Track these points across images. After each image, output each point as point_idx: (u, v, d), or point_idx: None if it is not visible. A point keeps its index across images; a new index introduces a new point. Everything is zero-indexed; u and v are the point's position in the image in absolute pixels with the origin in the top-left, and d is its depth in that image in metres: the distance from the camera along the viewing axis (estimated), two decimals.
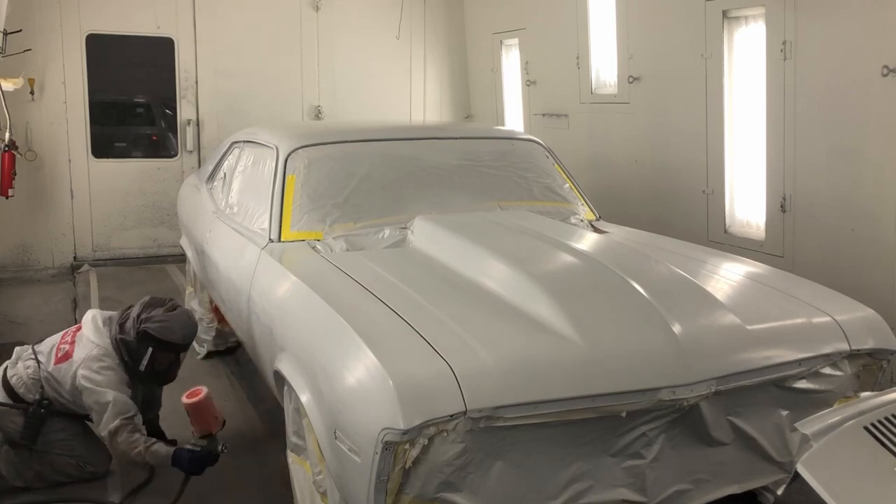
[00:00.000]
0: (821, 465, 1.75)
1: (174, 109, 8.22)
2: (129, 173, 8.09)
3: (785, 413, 2.92)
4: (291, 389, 2.95)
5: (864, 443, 1.77)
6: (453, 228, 3.65)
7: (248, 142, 4.86)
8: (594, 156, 6.88)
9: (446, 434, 2.36)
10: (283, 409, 3.24)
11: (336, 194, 3.98)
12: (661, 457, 2.73)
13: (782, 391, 2.88)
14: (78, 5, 7.60)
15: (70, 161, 7.75)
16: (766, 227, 5.21)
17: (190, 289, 5.63)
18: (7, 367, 3.73)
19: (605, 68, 6.86)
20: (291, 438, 3.17)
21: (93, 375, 3.55)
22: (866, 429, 1.80)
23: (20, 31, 6.68)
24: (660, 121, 6.11)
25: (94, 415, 3.57)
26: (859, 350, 2.96)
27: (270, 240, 3.82)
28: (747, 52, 5.31)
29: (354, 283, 3.15)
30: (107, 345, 3.64)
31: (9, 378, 3.67)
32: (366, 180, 4.09)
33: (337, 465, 2.56)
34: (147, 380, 3.74)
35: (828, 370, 2.93)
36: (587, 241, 3.75)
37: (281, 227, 3.84)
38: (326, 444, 2.62)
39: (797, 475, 2.00)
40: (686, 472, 2.81)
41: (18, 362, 3.72)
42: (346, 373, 2.57)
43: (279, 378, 3.12)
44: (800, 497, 3.09)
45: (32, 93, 7.40)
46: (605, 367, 2.60)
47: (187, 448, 3.47)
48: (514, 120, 8.38)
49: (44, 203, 7.71)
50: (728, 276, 3.46)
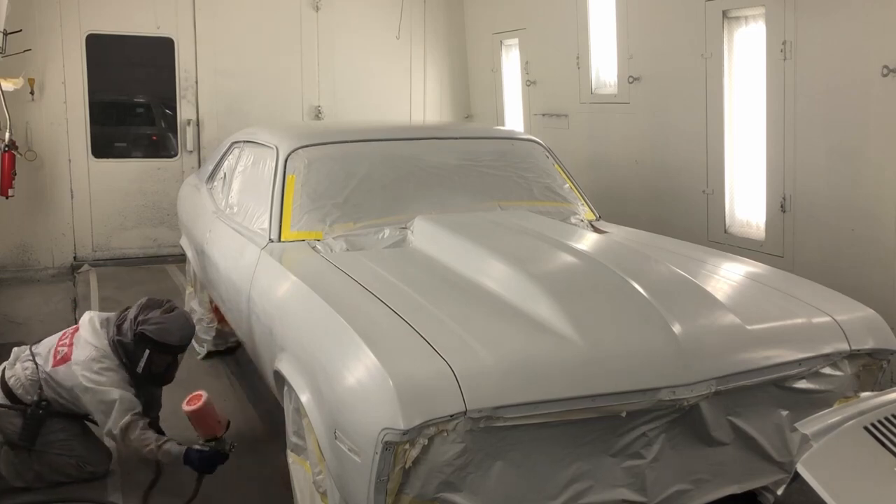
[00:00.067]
0: (821, 465, 1.75)
1: (174, 109, 8.21)
2: (129, 173, 8.10)
3: (785, 413, 2.92)
4: (291, 389, 2.95)
5: (864, 443, 1.77)
6: (453, 228, 3.65)
7: (248, 142, 4.86)
8: (594, 156, 6.87)
9: (446, 434, 2.36)
10: (283, 409, 3.24)
11: (336, 194, 3.98)
12: (661, 457, 2.73)
13: (782, 391, 2.88)
14: (78, 5, 7.60)
15: (70, 161, 7.75)
16: (766, 227, 5.21)
17: (190, 289, 5.63)
18: (5, 368, 3.73)
19: (605, 68, 6.86)
20: (291, 438, 3.17)
21: (94, 376, 3.55)
22: (866, 429, 1.80)
23: (20, 31, 6.68)
24: (660, 121, 6.11)
25: (100, 415, 3.56)
26: (859, 350, 2.96)
27: (270, 240, 3.82)
28: (747, 52, 5.31)
29: (354, 283, 3.15)
30: (105, 346, 3.64)
31: (7, 379, 3.66)
32: (366, 180, 4.09)
33: (337, 465, 2.56)
34: (145, 381, 3.74)
35: (828, 370, 2.93)
36: (587, 241, 3.75)
37: (281, 227, 3.84)
38: (326, 444, 2.61)
39: (797, 475, 2.00)
40: (686, 472, 2.81)
41: (16, 363, 3.71)
42: (346, 373, 2.57)
43: (279, 378, 3.12)
44: (800, 497, 3.09)
45: (32, 93, 7.40)
46: (605, 367, 2.61)
47: (196, 448, 3.47)
48: (514, 120, 8.38)
49: (44, 203, 7.71)
50: (728, 276, 3.46)
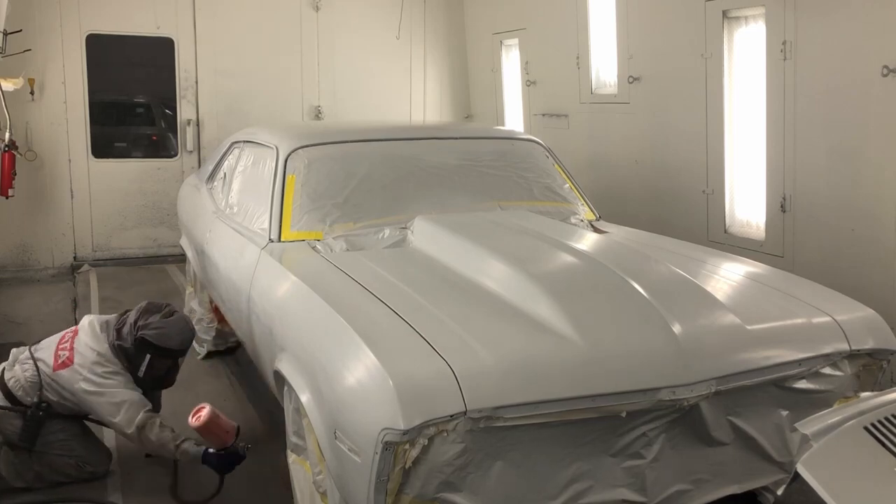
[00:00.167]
0: (821, 465, 1.75)
1: (174, 109, 8.21)
2: (129, 173, 8.09)
3: (785, 413, 2.92)
4: (291, 389, 2.95)
5: (864, 443, 1.77)
6: (453, 228, 3.65)
7: (248, 142, 4.86)
8: (594, 156, 6.87)
9: (446, 434, 2.36)
10: (283, 409, 3.24)
11: (336, 194, 3.98)
12: (661, 457, 2.73)
13: (782, 391, 2.88)
14: (78, 5, 7.60)
15: (70, 161, 7.75)
16: (766, 227, 5.21)
17: (190, 289, 5.63)
18: (4, 369, 3.72)
19: (605, 68, 6.86)
20: (291, 438, 3.16)
21: (99, 380, 3.56)
22: (866, 429, 1.81)
23: (20, 31, 6.68)
24: (660, 121, 6.11)
25: (112, 416, 3.57)
26: (859, 350, 2.96)
27: (270, 240, 3.82)
28: (747, 52, 5.31)
29: (354, 283, 3.15)
30: (106, 350, 3.64)
31: (6, 381, 3.66)
32: (366, 180, 4.09)
33: (337, 465, 2.56)
34: (146, 385, 3.74)
35: (828, 370, 2.93)
36: (587, 241, 3.74)
37: (281, 227, 3.84)
38: (326, 444, 2.61)
39: (797, 475, 2.00)
40: (686, 472, 2.81)
41: (16, 365, 3.70)
42: (346, 373, 2.57)
43: (279, 378, 3.12)
44: (800, 497, 3.08)
45: (32, 93, 7.40)
46: (605, 367, 2.61)
47: (211, 451, 3.51)
48: (514, 120, 8.38)
49: (44, 203, 7.71)
50: (728, 276, 3.46)
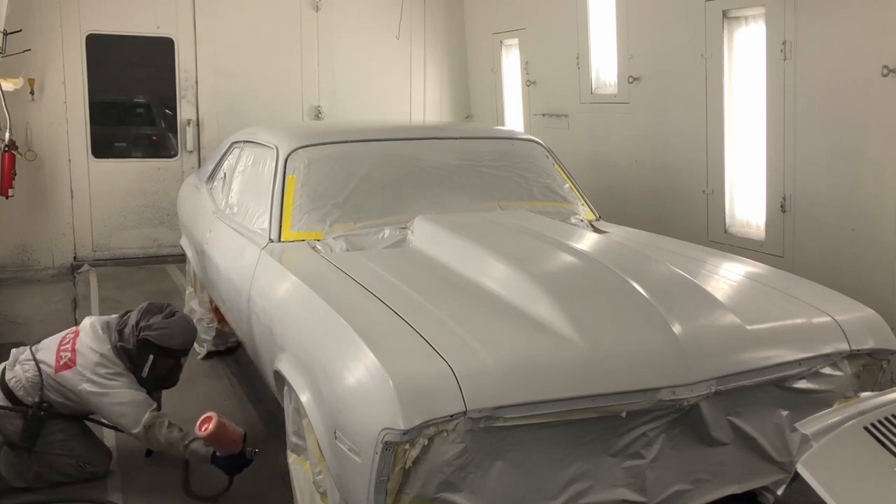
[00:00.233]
0: (821, 465, 1.75)
1: (174, 109, 8.21)
2: (129, 173, 8.09)
3: (785, 413, 2.92)
4: (291, 389, 2.95)
5: (864, 443, 1.77)
6: (453, 228, 3.65)
7: (248, 142, 4.86)
8: (594, 156, 6.87)
9: (446, 434, 2.36)
10: (283, 409, 3.24)
11: (336, 194, 3.98)
12: (661, 457, 2.73)
13: (782, 391, 2.88)
14: (78, 5, 7.60)
15: (70, 161, 7.74)
16: (766, 227, 5.21)
17: (190, 289, 5.63)
18: (5, 368, 3.72)
19: (605, 68, 6.86)
20: (291, 438, 3.17)
21: (103, 381, 3.56)
22: (866, 429, 1.81)
23: (20, 31, 6.68)
24: (660, 121, 6.11)
25: (118, 417, 3.58)
26: (859, 350, 2.96)
27: (270, 240, 3.82)
28: (747, 52, 5.31)
29: (354, 283, 3.15)
30: (108, 351, 3.64)
31: (7, 381, 3.65)
32: (366, 180, 4.09)
33: (337, 465, 2.56)
34: (150, 385, 3.75)
35: (828, 370, 2.93)
36: (587, 241, 3.74)
37: (281, 227, 3.84)
38: (326, 444, 2.62)
39: (797, 475, 2.00)
40: (686, 472, 2.81)
41: (16, 365, 3.70)
42: (346, 373, 2.57)
43: (279, 378, 3.12)
44: (800, 497, 3.09)
45: (32, 93, 7.40)
46: (605, 367, 2.61)
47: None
48: (514, 120, 8.38)
49: (44, 203, 7.71)
50: (728, 276, 3.46)
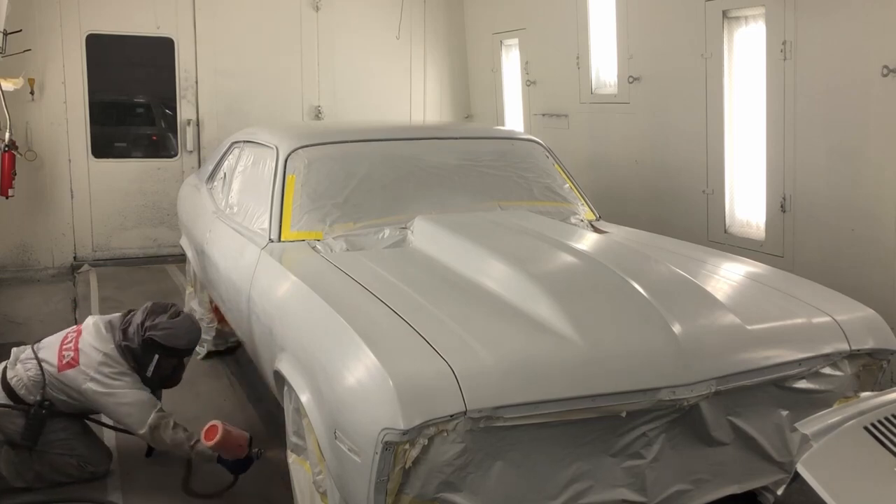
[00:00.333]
0: (821, 465, 1.75)
1: (174, 109, 8.21)
2: (129, 173, 8.09)
3: (785, 413, 2.92)
4: (291, 389, 2.95)
5: (864, 443, 1.77)
6: (453, 228, 3.65)
7: (248, 142, 4.86)
8: (594, 156, 6.87)
9: (446, 434, 2.36)
10: (283, 409, 3.24)
11: (336, 194, 3.98)
12: (661, 457, 2.73)
13: (782, 391, 2.88)
14: (78, 5, 7.60)
15: (70, 161, 7.74)
16: (766, 227, 5.21)
17: (190, 289, 5.63)
18: (6, 367, 3.72)
19: (605, 68, 6.86)
20: (291, 438, 3.17)
21: (108, 381, 3.56)
22: (866, 429, 1.81)
23: (20, 31, 6.68)
24: (660, 121, 6.11)
25: (123, 417, 3.59)
26: (859, 350, 2.96)
27: (270, 240, 3.82)
28: (747, 52, 5.31)
29: (354, 283, 3.15)
30: (112, 351, 3.64)
31: (9, 379, 3.65)
32: (366, 180, 4.09)
33: (337, 465, 2.56)
34: (153, 385, 3.75)
35: (828, 370, 2.93)
36: (587, 241, 3.74)
37: (281, 227, 3.84)
38: (326, 444, 2.62)
39: (797, 475, 2.00)
40: (686, 472, 2.81)
41: (17, 364, 3.69)
42: (346, 373, 2.57)
43: (279, 378, 3.12)
44: (800, 497, 3.08)
45: (32, 93, 7.40)
46: (605, 367, 2.61)
47: None
48: (514, 120, 8.38)
49: (44, 203, 7.71)
50: (728, 276, 3.46)
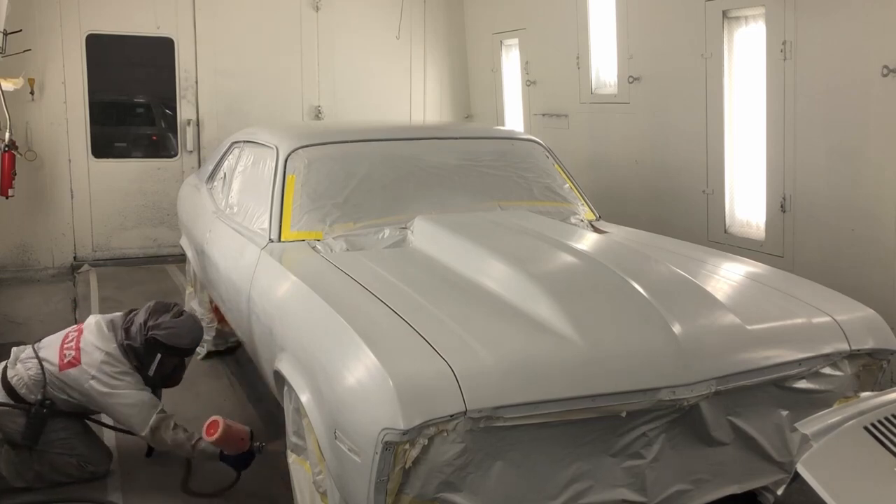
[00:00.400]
0: (821, 465, 1.75)
1: (174, 109, 8.21)
2: (129, 173, 8.09)
3: (785, 413, 2.92)
4: (291, 389, 2.95)
5: (864, 443, 1.77)
6: (453, 228, 3.65)
7: (248, 142, 4.86)
8: (594, 156, 6.87)
9: (446, 434, 2.36)
10: (283, 409, 3.24)
11: (336, 194, 3.98)
12: (661, 457, 2.73)
13: (782, 391, 2.88)
14: (78, 5, 7.60)
15: (70, 161, 7.74)
16: (766, 227, 5.21)
17: (190, 289, 5.63)
18: (6, 367, 3.72)
19: (605, 68, 6.86)
20: (291, 438, 3.17)
21: (111, 381, 3.56)
22: (866, 429, 1.81)
23: (20, 31, 6.68)
24: (660, 121, 6.11)
25: (125, 417, 3.60)
26: (859, 350, 2.96)
27: (270, 240, 3.82)
28: (747, 52, 5.31)
29: (354, 283, 3.15)
30: (114, 350, 3.64)
31: (9, 379, 3.65)
32: (366, 180, 4.09)
33: (337, 465, 2.56)
34: (154, 384, 3.75)
35: (828, 370, 2.93)
36: (587, 241, 3.75)
37: (281, 227, 3.84)
38: (326, 444, 2.62)
39: (797, 475, 2.00)
40: (686, 472, 2.81)
41: (17, 363, 3.69)
42: (346, 373, 2.57)
43: (279, 378, 3.12)
44: (800, 497, 3.09)
45: (32, 93, 7.39)
46: (605, 367, 2.61)
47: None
48: (514, 120, 8.38)
49: (44, 203, 7.71)
50: (728, 276, 3.46)
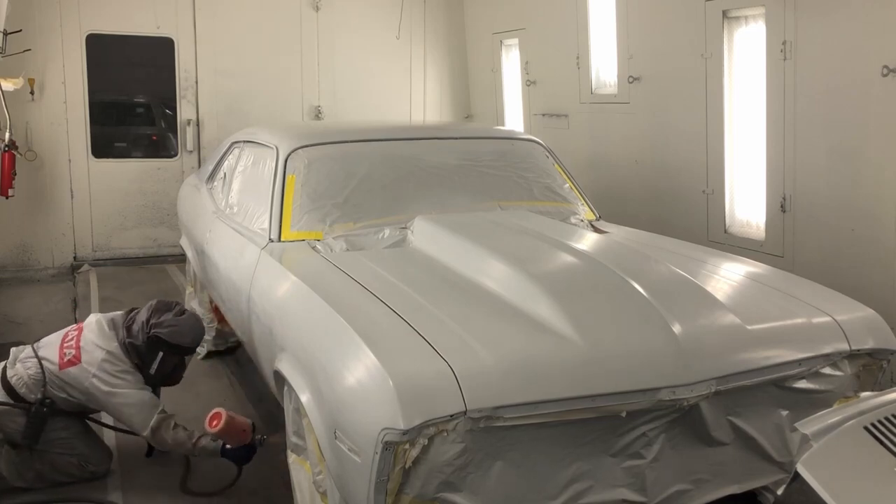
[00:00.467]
0: (821, 465, 1.75)
1: (174, 109, 8.21)
2: (129, 173, 8.09)
3: (785, 413, 2.92)
4: (291, 389, 2.95)
5: (864, 443, 1.77)
6: (453, 228, 3.65)
7: (248, 142, 4.86)
8: (594, 156, 6.87)
9: (446, 434, 2.36)
10: (283, 409, 3.25)
11: (336, 194, 3.98)
12: (661, 457, 2.73)
13: (782, 391, 2.88)
14: (78, 5, 7.60)
15: (70, 161, 7.74)
16: (766, 227, 5.21)
17: (190, 289, 5.63)
18: (6, 366, 3.71)
19: (605, 68, 6.86)
20: (291, 438, 3.17)
21: (112, 380, 3.57)
22: (866, 429, 1.81)
23: (20, 31, 6.68)
24: (660, 121, 6.11)
25: (125, 417, 3.61)
26: (859, 350, 2.96)
27: (270, 240, 3.82)
28: (747, 52, 5.31)
29: (354, 283, 3.15)
30: (115, 348, 3.64)
31: (9, 378, 3.65)
32: (366, 180, 4.09)
33: (337, 465, 2.56)
34: (154, 383, 3.76)
35: (828, 370, 2.93)
36: (587, 241, 3.75)
37: (281, 226, 3.84)
38: (326, 444, 2.62)
39: (797, 475, 2.00)
40: (686, 472, 2.81)
41: (17, 363, 3.69)
42: (346, 373, 2.57)
43: (279, 378, 3.12)
44: (800, 497, 3.09)
45: (32, 93, 7.39)
46: (605, 367, 2.61)
47: (228, 445, 3.60)
48: (514, 120, 8.38)
49: (44, 203, 7.71)
50: (728, 276, 3.46)
